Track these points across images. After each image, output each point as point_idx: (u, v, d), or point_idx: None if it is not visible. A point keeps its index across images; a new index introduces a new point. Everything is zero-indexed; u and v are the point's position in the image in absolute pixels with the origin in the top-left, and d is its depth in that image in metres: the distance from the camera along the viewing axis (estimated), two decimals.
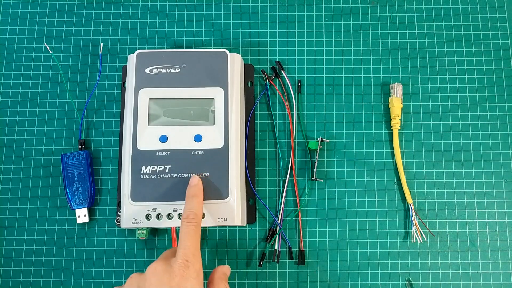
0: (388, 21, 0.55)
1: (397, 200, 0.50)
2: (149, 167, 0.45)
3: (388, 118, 0.52)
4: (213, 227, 0.49)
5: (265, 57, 0.53)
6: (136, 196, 0.44)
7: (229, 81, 0.47)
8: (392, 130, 0.51)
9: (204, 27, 0.54)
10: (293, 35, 0.54)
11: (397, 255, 0.49)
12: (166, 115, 0.46)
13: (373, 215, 0.50)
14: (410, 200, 0.49)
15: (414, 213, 0.49)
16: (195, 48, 0.54)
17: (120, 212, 0.46)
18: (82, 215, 0.48)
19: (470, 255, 0.49)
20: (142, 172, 0.44)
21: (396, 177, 0.50)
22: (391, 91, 0.52)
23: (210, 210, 0.44)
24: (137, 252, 0.49)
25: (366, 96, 0.52)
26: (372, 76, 0.53)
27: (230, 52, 0.48)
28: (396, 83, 0.51)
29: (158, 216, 0.44)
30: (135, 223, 0.44)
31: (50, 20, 0.54)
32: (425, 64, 0.53)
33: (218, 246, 0.49)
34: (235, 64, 0.48)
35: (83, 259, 0.48)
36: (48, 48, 0.53)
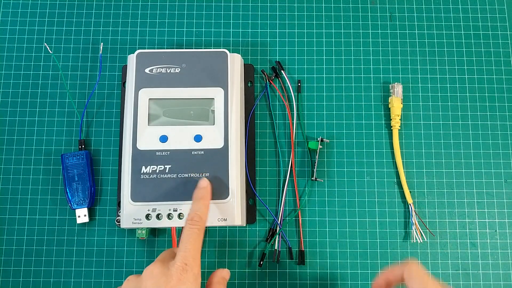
0: (388, 21, 0.55)
1: (397, 200, 0.50)
2: (149, 167, 0.44)
3: (388, 118, 0.52)
4: (213, 227, 0.49)
5: (265, 57, 0.53)
6: (136, 196, 0.44)
7: (229, 81, 0.47)
8: (392, 130, 0.51)
9: (204, 27, 0.54)
10: (293, 35, 0.54)
11: (397, 255, 0.49)
12: (166, 115, 0.46)
13: (373, 215, 0.50)
14: (410, 200, 0.49)
15: (414, 213, 0.49)
16: (195, 48, 0.54)
17: (120, 212, 0.46)
18: (82, 215, 0.48)
19: (470, 255, 0.49)
20: (142, 172, 0.44)
21: (396, 177, 0.50)
22: (391, 91, 0.51)
23: (210, 210, 0.44)
24: (137, 252, 0.49)
25: (366, 96, 0.52)
26: (372, 76, 0.53)
27: (230, 52, 0.48)
28: (396, 83, 0.51)
29: (158, 216, 0.44)
30: (135, 223, 0.44)
31: (50, 20, 0.54)
32: (425, 64, 0.53)
33: (218, 246, 0.49)
34: (235, 64, 0.48)
35: (83, 259, 0.48)
36: (48, 48, 0.53)
